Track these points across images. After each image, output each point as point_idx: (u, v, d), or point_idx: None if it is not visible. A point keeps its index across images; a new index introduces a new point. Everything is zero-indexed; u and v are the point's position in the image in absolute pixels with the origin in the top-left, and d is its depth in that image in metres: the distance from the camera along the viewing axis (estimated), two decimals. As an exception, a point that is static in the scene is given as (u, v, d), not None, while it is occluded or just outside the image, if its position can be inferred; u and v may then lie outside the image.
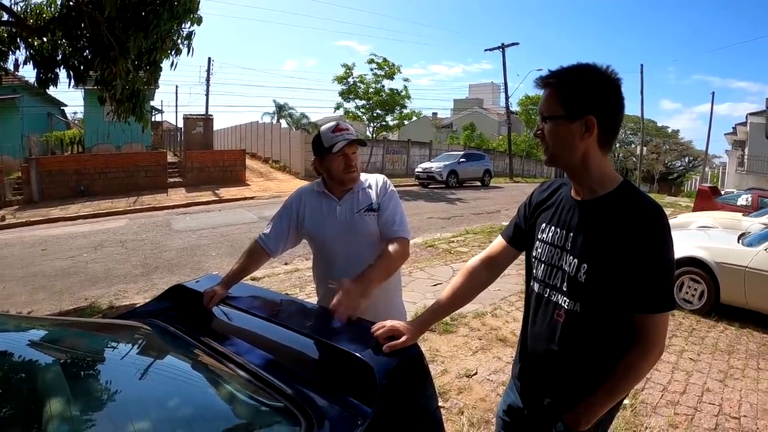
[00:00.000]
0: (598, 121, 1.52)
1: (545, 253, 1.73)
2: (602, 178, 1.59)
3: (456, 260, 8.93)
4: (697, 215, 11.80)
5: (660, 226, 1.48)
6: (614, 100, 1.55)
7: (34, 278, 8.56)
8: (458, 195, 21.13)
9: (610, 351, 1.59)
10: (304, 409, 1.41)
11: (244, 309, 2.10)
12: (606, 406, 1.60)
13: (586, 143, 1.55)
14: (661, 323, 1.52)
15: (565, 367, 1.66)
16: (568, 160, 1.60)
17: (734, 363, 4.84)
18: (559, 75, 1.57)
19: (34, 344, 1.72)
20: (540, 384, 1.76)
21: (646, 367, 1.57)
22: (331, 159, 2.37)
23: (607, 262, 1.52)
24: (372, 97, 25.42)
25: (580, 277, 1.57)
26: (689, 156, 63.03)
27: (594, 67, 1.55)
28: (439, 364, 4.58)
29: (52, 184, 20.62)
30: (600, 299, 1.56)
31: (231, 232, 12.48)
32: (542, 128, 1.61)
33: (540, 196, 1.85)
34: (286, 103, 36.20)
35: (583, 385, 1.61)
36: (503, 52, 34.45)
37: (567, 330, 1.64)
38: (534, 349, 1.77)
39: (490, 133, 49.04)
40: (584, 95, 1.52)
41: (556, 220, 1.71)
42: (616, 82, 1.54)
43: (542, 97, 1.60)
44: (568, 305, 1.63)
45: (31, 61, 6.77)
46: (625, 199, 1.54)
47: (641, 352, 1.53)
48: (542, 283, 1.74)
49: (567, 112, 1.53)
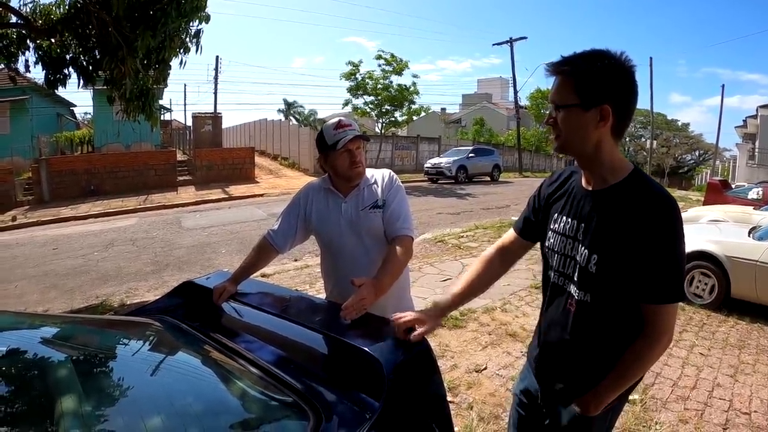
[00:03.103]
0: (614, 110, 1.50)
1: (558, 244, 1.73)
2: (613, 167, 1.57)
3: (465, 255, 8.92)
4: (708, 209, 11.71)
5: (671, 216, 1.46)
6: (629, 88, 1.52)
7: (45, 277, 8.63)
8: (467, 190, 21.04)
9: (619, 340, 1.59)
10: (312, 403, 1.42)
11: (254, 305, 2.12)
12: (615, 392, 1.61)
13: (600, 132, 1.53)
14: (670, 313, 1.52)
15: (577, 355, 1.69)
16: (580, 148, 1.58)
17: (745, 358, 4.80)
18: (573, 62, 1.53)
19: (46, 341, 1.75)
20: (553, 370, 1.79)
21: (653, 356, 1.57)
22: (335, 156, 2.38)
23: (617, 252, 1.51)
24: (380, 93, 25.37)
25: (591, 268, 1.57)
26: (699, 149, 62.52)
27: (608, 53, 1.51)
28: (449, 359, 4.58)
29: (63, 183, 20.76)
30: (610, 290, 1.56)
31: (241, 229, 12.52)
32: (555, 116, 1.58)
33: (550, 188, 1.85)
34: (295, 101, 36.28)
35: (594, 372, 1.63)
36: (511, 46, 34.34)
37: (578, 320, 1.65)
38: (548, 337, 1.80)
39: (499, 127, 48.96)
40: (600, 83, 1.48)
41: (568, 209, 1.71)
42: (631, 70, 1.51)
43: (554, 85, 1.57)
44: (578, 296, 1.63)
45: (40, 62, 6.82)
46: (637, 188, 1.52)
47: (649, 341, 1.53)
48: (557, 273, 1.75)
49: (581, 101, 1.50)
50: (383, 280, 2.18)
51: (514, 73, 35.75)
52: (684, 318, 5.90)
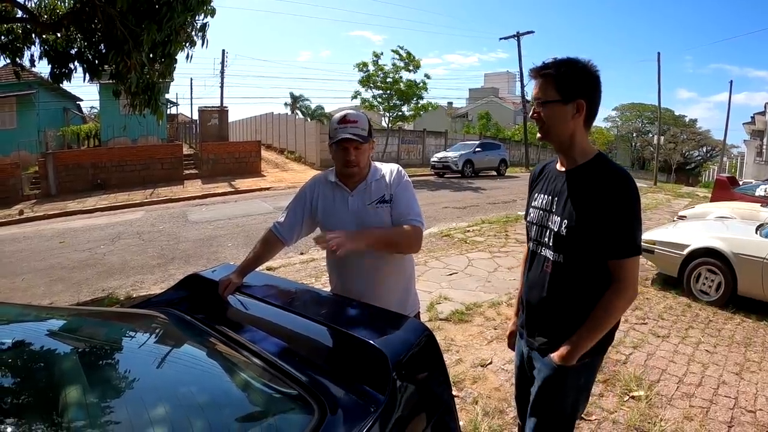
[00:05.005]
0: (586, 104, 1.86)
1: (536, 217, 2.07)
2: (583, 151, 1.93)
3: (471, 250, 8.92)
4: (715, 206, 11.62)
5: (628, 187, 1.80)
6: (597, 87, 1.88)
7: (52, 270, 8.68)
8: (474, 184, 21.03)
9: (590, 296, 1.88)
10: (317, 396, 1.43)
11: (259, 297, 2.12)
12: (587, 342, 1.88)
13: (575, 122, 1.89)
14: (632, 267, 1.84)
15: (554, 311, 1.98)
16: (560, 136, 1.92)
17: (751, 356, 4.78)
18: (555, 66, 1.87)
19: (52, 333, 1.75)
20: (535, 327, 2.07)
21: (620, 307, 1.88)
22: (334, 150, 2.37)
23: (584, 217, 1.83)
24: (390, 87, 25.42)
25: (562, 231, 1.89)
26: (707, 146, 62.17)
27: (580, 60, 1.87)
28: (454, 353, 4.58)
29: (69, 177, 20.87)
30: (579, 249, 1.87)
31: (247, 222, 12.56)
32: (539, 111, 1.92)
33: (534, 176, 2.22)
34: (302, 94, 36.33)
35: (570, 326, 1.91)
36: (518, 40, 34.19)
37: (554, 279, 1.96)
38: (529, 298, 2.10)
39: (505, 122, 48.76)
40: (576, 83, 1.84)
41: (545, 188, 2.06)
42: (598, 73, 1.87)
43: (537, 85, 1.92)
44: (553, 257, 1.95)
45: (45, 57, 6.83)
46: (600, 166, 1.88)
47: (616, 292, 1.84)
48: (535, 242, 2.08)
49: (562, 97, 1.85)
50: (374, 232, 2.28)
51: (521, 67, 35.68)
52: (690, 315, 5.89)
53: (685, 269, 6.67)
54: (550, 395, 1.99)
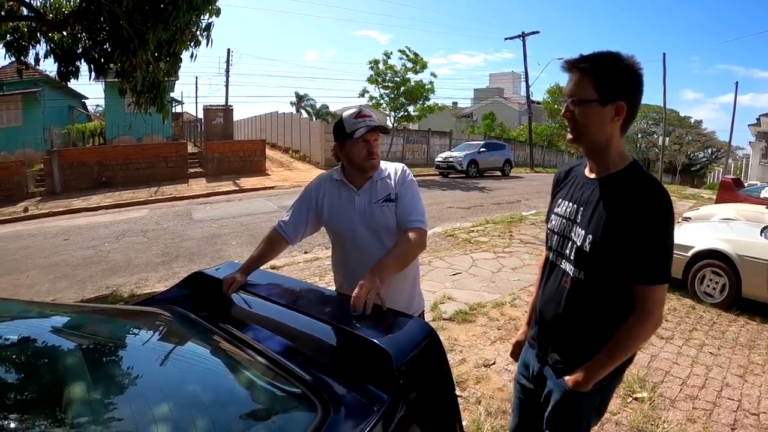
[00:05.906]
0: (627, 108, 1.65)
1: (558, 225, 1.90)
2: (617, 158, 1.73)
3: (475, 250, 8.91)
4: (720, 207, 11.59)
5: (663, 205, 1.60)
6: (640, 89, 1.66)
7: (56, 267, 8.71)
8: (478, 185, 21.01)
9: (610, 318, 1.72)
10: (321, 395, 1.42)
11: (263, 296, 2.12)
12: (605, 368, 1.73)
13: (613, 126, 1.68)
14: (659, 294, 1.65)
15: (570, 330, 1.82)
16: (595, 140, 1.72)
17: (755, 358, 4.77)
18: (594, 60, 1.67)
19: (56, 330, 1.75)
20: (549, 343, 1.92)
21: (643, 335, 1.72)
22: (352, 145, 2.35)
23: (611, 234, 1.64)
24: (398, 87, 25.57)
25: (585, 247, 1.71)
26: (712, 147, 62.05)
27: (623, 55, 1.64)
28: (458, 353, 4.58)
29: (74, 175, 20.92)
30: (602, 269, 1.70)
31: (251, 221, 12.58)
32: (572, 110, 1.70)
33: (559, 179, 2.04)
34: (306, 94, 36.37)
35: (586, 347, 1.77)
36: (524, 40, 34.16)
37: (572, 296, 1.79)
38: (543, 312, 1.94)
39: (510, 122, 48.63)
40: (618, 82, 1.63)
41: (570, 195, 1.87)
42: (641, 72, 1.66)
43: (571, 80, 1.70)
44: (573, 273, 1.78)
45: (51, 55, 6.87)
46: (634, 177, 1.68)
47: (639, 319, 1.66)
48: (555, 252, 1.91)
49: (601, 97, 1.64)
50: (389, 262, 2.15)
51: (526, 67, 35.81)
52: (694, 317, 5.88)
53: (689, 271, 6.66)
54: (564, 419, 1.86)
